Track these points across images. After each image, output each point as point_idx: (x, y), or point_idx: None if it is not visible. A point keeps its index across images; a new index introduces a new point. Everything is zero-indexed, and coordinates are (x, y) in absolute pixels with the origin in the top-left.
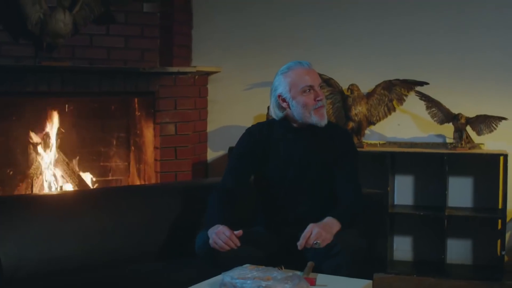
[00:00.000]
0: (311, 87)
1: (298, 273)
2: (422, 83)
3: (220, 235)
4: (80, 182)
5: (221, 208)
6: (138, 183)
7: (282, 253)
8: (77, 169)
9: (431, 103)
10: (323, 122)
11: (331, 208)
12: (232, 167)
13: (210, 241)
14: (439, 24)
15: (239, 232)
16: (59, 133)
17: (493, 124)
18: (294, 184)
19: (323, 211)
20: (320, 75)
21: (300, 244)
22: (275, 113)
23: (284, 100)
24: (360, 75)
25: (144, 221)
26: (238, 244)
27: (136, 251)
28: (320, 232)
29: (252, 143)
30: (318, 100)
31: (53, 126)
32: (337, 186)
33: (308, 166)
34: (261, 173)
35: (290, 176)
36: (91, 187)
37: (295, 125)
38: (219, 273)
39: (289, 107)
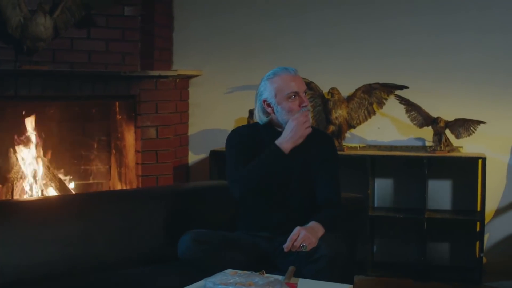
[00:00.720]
0: (296, 94)
1: (280, 278)
2: (401, 87)
3: (299, 121)
4: (61, 185)
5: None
6: (119, 186)
7: (263, 258)
8: (58, 172)
9: (410, 106)
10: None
11: (312, 212)
12: (237, 159)
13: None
14: (419, 27)
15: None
16: (39, 137)
17: (471, 128)
18: (277, 187)
19: (305, 215)
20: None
21: (287, 246)
22: (260, 118)
23: (269, 105)
24: (341, 78)
25: (127, 227)
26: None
27: (119, 256)
28: (307, 235)
29: (243, 141)
30: (303, 106)
31: (33, 130)
32: (318, 191)
33: (289, 169)
34: None
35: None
36: (72, 191)
37: (279, 129)
38: (201, 279)
39: (274, 112)
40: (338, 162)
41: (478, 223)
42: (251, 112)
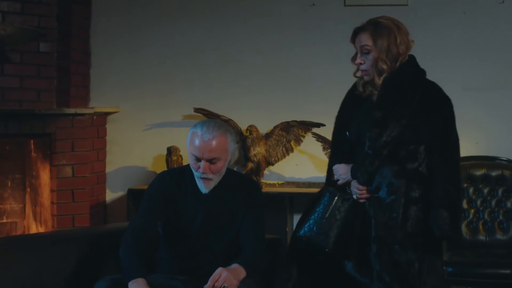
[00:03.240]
0: (196, 157)
1: None
2: (318, 125)
3: None
4: None
5: (136, 251)
6: (34, 226)
7: None
8: None
9: (327, 144)
10: (204, 190)
11: (235, 257)
12: (146, 208)
13: None
14: (334, 68)
15: None
16: None
17: None
18: (199, 233)
19: (226, 260)
20: (219, 116)
21: (208, 286)
22: None
23: None
24: (259, 115)
25: (39, 274)
26: None
27: None
28: (229, 276)
29: (163, 187)
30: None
31: None
32: (242, 238)
33: (213, 216)
34: (169, 219)
35: (196, 224)
36: None
37: None
38: None
39: None
40: (263, 210)
41: None
42: (169, 150)
